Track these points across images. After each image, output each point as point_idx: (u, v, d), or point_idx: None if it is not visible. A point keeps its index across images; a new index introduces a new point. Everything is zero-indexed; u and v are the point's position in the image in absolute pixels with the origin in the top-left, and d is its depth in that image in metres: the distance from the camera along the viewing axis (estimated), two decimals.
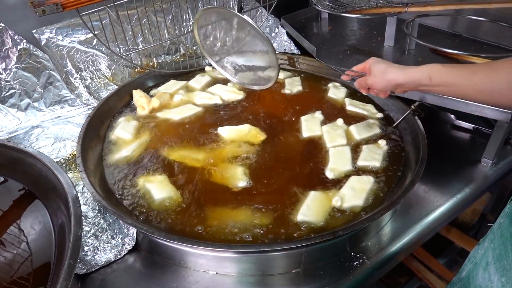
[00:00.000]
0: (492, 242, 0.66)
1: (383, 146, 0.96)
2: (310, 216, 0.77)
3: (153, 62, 1.31)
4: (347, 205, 0.79)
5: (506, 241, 0.61)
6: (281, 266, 0.72)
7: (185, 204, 0.81)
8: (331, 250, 0.74)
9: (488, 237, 0.69)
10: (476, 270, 0.69)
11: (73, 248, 0.63)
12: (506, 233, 0.62)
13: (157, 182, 0.85)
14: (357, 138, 0.99)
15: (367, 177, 0.86)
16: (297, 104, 1.13)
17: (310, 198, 0.81)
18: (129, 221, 0.72)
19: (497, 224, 0.65)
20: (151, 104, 1.11)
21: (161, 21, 1.27)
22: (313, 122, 1.04)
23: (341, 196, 0.81)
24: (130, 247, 0.75)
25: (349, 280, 0.71)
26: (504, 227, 0.62)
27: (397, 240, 0.80)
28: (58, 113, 1.14)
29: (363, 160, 0.91)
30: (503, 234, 0.63)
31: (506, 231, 0.62)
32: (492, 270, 0.63)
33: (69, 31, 1.13)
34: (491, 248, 0.66)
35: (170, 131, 1.02)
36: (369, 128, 1.01)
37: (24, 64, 1.08)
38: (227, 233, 0.74)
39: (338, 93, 1.17)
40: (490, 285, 0.62)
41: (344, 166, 0.89)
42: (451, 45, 1.14)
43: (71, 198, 0.70)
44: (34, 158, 0.81)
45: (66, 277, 0.58)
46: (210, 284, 0.71)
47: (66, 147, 1.03)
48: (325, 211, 0.79)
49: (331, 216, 0.78)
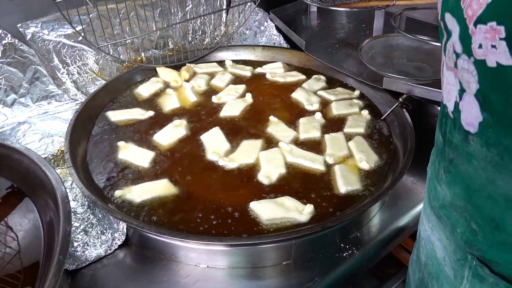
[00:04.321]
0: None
1: (366, 115, 1.05)
2: (351, 184, 0.83)
3: (142, 56, 1.30)
4: (372, 163, 0.89)
5: (428, 190, 0.63)
6: (271, 258, 0.73)
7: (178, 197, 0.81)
8: (321, 241, 0.75)
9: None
10: (419, 226, 0.71)
11: (62, 244, 0.62)
12: (428, 183, 0.63)
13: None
14: (334, 113, 1.06)
15: (359, 138, 0.97)
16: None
17: (338, 171, 0.86)
18: (119, 216, 0.72)
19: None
20: (183, 76, 1.18)
21: (149, 15, 1.26)
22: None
23: (360, 158, 0.89)
24: (120, 242, 0.75)
25: (339, 270, 0.72)
26: (429, 176, 0.64)
27: (386, 230, 0.81)
28: (45, 108, 1.12)
29: (348, 128, 1.01)
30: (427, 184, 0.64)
31: (429, 181, 0.63)
32: (425, 219, 0.65)
33: (55, 25, 1.11)
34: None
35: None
36: (350, 107, 1.08)
37: (10, 59, 1.06)
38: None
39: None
40: (426, 234, 0.64)
41: (341, 151, 0.93)
42: (438, 38, 1.15)
43: (60, 194, 0.69)
44: (21, 154, 0.80)
45: (56, 273, 0.58)
46: (201, 277, 0.71)
47: (54, 143, 1.01)
48: (358, 175, 0.87)
49: (365, 177, 0.87)
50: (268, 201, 0.79)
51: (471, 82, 0.42)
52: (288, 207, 0.78)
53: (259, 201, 0.79)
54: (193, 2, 1.35)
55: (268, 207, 0.77)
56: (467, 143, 0.46)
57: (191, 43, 1.36)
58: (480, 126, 0.43)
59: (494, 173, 0.43)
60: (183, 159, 0.91)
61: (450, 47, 0.44)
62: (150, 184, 0.84)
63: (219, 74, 1.22)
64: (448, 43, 0.45)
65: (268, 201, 0.79)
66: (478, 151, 0.45)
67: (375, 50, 1.14)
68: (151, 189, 0.83)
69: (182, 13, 1.34)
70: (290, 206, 0.78)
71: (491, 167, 0.44)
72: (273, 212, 0.76)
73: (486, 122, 0.41)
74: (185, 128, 1.00)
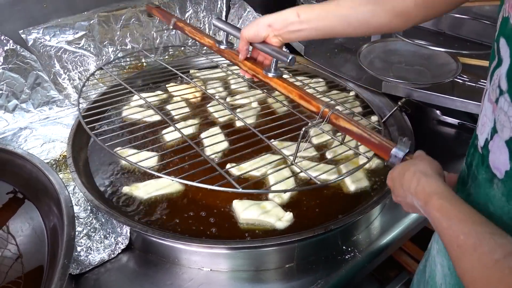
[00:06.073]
0: None
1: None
2: (359, 181, 0.86)
3: (142, 62, 1.30)
4: (373, 164, 0.90)
5: None
6: (275, 261, 0.73)
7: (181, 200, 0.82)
8: (323, 244, 0.75)
9: None
10: (433, 237, 0.70)
11: (67, 248, 0.63)
12: None
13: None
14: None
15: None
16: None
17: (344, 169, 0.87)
18: (123, 220, 0.72)
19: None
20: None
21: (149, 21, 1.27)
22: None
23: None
24: (123, 246, 0.75)
25: (341, 273, 0.73)
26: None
27: (387, 233, 0.82)
28: (46, 114, 1.13)
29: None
30: None
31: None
32: (436, 237, 0.64)
33: (56, 31, 1.12)
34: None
35: None
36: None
37: (11, 65, 1.06)
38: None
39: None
40: (433, 253, 0.63)
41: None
42: (435, 42, 1.17)
43: (63, 199, 0.70)
44: (24, 159, 0.80)
45: (61, 277, 0.58)
46: (205, 280, 0.72)
47: (56, 148, 1.02)
48: (364, 173, 0.89)
49: (371, 174, 0.89)
50: (249, 202, 0.80)
51: (505, 127, 0.38)
52: (268, 211, 0.78)
53: (241, 200, 0.80)
54: (193, 8, 1.36)
55: (247, 207, 0.78)
56: (490, 185, 0.43)
57: (191, 47, 1.37)
58: (506, 175, 0.40)
59: (507, 227, 0.40)
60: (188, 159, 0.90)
61: (497, 78, 0.40)
62: (156, 182, 0.85)
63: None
64: (497, 71, 0.40)
65: (249, 202, 0.80)
66: (498, 199, 0.42)
67: (374, 55, 1.16)
68: (157, 186, 0.84)
69: (182, 19, 1.35)
70: (271, 210, 0.78)
71: (508, 219, 0.40)
72: (250, 212, 0.77)
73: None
74: (193, 128, 1.01)
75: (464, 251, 0.39)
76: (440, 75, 1.04)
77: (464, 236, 0.40)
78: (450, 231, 0.41)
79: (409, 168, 0.52)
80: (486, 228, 0.39)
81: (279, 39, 0.76)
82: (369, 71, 1.07)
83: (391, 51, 1.18)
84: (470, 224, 0.40)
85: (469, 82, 1.01)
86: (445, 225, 0.42)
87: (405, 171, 0.52)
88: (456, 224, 0.41)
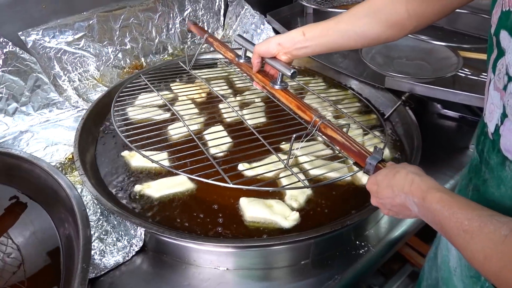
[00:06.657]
0: None
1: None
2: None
3: (141, 61, 1.29)
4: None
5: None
6: (291, 258, 0.74)
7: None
8: (338, 240, 0.76)
9: None
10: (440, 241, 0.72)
11: (84, 252, 0.62)
12: (459, 192, 0.63)
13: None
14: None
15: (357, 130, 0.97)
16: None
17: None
18: (138, 222, 0.71)
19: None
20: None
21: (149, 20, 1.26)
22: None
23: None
24: (138, 248, 0.75)
25: (357, 267, 0.73)
26: (459, 187, 0.65)
27: (396, 228, 0.83)
28: (46, 116, 1.11)
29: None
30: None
31: (459, 191, 0.63)
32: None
33: (56, 32, 1.10)
34: None
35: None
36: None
37: (11, 68, 1.04)
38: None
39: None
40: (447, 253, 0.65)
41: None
42: (435, 37, 1.18)
43: (76, 202, 0.69)
44: (31, 164, 0.79)
45: (81, 282, 0.57)
46: (222, 280, 0.71)
47: (59, 151, 1.00)
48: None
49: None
50: (257, 200, 0.80)
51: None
52: (274, 210, 0.78)
53: (249, 198, 0.80)
54: (192, 6, 1.35)
55: (254, 206, 0.78)
56: (503, 168, 0.45)
57: (190, 47, 1.36)
58: None
59: None
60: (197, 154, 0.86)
61: (503, 67, 0.42)
62: (168, 180, 0.85)
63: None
64: (500, 61, 0.43)
65: (257, 200, 0.80)
66: (510, 179, 0.44)
67: (375, 50, 1.17)
68: (170, 184, 0.84)
69: (181, 17, 1.34)
70: (277, 209, 0.79)
71: None
72: (257, 211, 0.77)
73: None
74: (199, 125, 1.01)
75: (472, 234, 0.42)
76: (441, 69, 1.05)
77: (469, 221, 0.43)
78: (453, 219, 0.44)
79: (400, 171, 0.55)
80: (486, 212, 0.43)
81: (288, 56, 0.82)
82: (372, 67, 1.08)
83: (391, 46, 1.19)
84: (471, 210, 0.44)
85: (471, 76, 1.03)
86: (447, 214, 0.45)
87: (395, 173, 0.55)
88: (458, 212, 0.44)
